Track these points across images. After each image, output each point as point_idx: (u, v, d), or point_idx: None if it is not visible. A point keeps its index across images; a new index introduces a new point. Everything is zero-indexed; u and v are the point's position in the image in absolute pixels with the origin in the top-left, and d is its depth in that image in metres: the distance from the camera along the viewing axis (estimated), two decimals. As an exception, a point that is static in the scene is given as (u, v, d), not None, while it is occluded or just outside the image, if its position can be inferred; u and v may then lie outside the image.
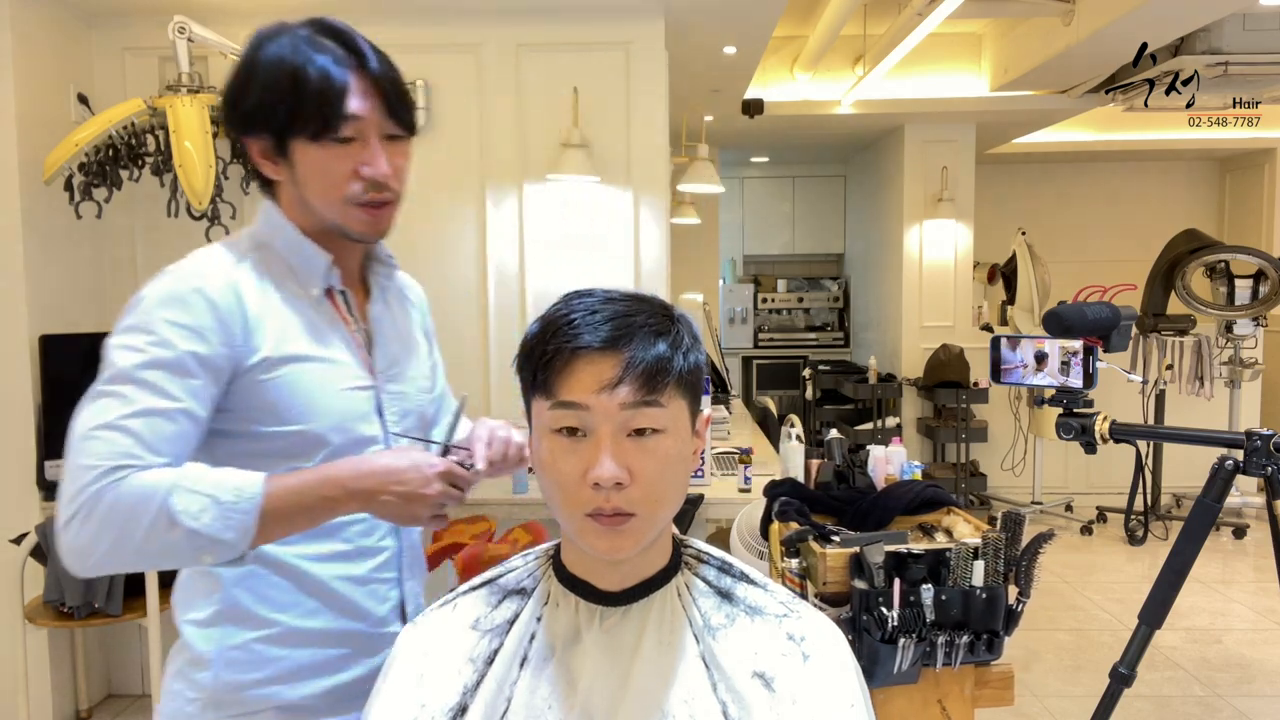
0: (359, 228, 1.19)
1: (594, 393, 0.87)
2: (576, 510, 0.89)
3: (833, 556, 1.72)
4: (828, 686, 0.92)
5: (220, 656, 1.18)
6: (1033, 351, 2.09)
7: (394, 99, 1.16)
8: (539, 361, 0.90)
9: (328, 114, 1.11)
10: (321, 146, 1.13)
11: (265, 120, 1.14)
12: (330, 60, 1.12)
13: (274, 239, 1.20)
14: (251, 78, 1.14)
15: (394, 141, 1.18)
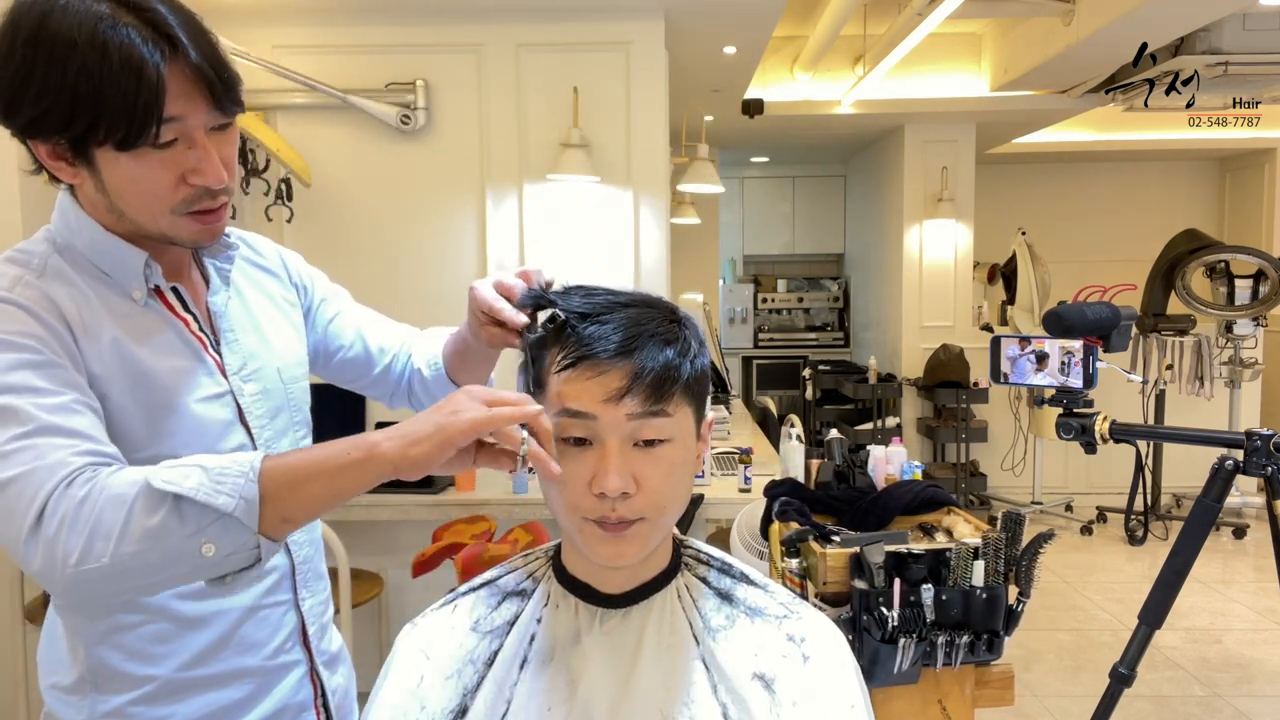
0: (190, 236, 1.00)
1: (601, 402, 0.85)
2: (580, 517, 0.88)
3: (833, 556, 1.72)
4: (828, 687, 0.92)
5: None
6: (1031, 353, 2.09)
7: (219, 86, 0.96)
8: (544, 367, 0.89)
9: (141, 119, 0.90)
10: (135, 156, 0.93)
11: (56, 126, 0.91)
12: (139, 47, 0.89)
13: (75, 240, 1.00)
14: (33, 68, 0.88)
15: (222, 131, 0.99)
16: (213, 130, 0.97)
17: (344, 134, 3.36)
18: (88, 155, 0.93)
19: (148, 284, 1.03)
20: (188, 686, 1.05)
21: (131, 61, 0.89)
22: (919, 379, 5.86)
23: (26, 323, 0.92)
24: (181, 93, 0.92)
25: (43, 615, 2.90)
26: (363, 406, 3.33)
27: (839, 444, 2.25)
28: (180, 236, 1.00)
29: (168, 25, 0.92)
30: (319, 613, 1.20)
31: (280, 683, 1.12)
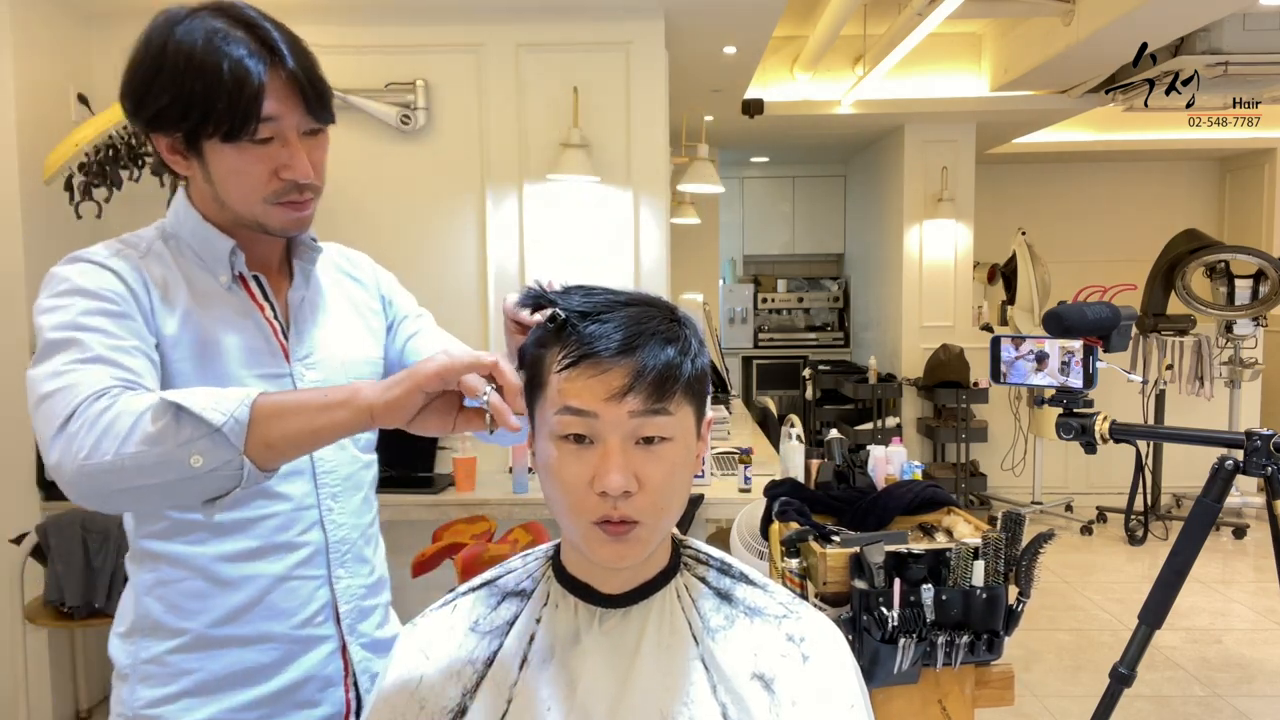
0: (281, 224, 1.14)
1: (603, 400, 0.85)
2: (582, 517, 0.88)
3: (833, 556, 1.72)
4: (827, 687, 0.92)
5: (135, 671, 1.14)
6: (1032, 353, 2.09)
7: (312, 95, 1.12)
8: (545, 366, 0.89)
9: (243, 116, 1.04)
10: (237, 148, 1.07)
11: (175, 120, 1.06)
12: (246, 56, 1.04)
13: (181, 229, 1.17)
14: (156, 71, 1.05)
15: (314, 136, 1.15)
16: (305, 134, 1.13)
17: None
18: (199, 148, 1.08)
19: (233, 270, 1.16)
20: (218, 643, 1.13)
21: (238, 67, 1.04)
22: (919, 379, 5.86)
23: (112, 282, 1.07)
24: (279, 97, 1.07)
25: (42, 615, 2.89)
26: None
27: (839, 444, 2.25)
28: (271, 224, 1.13)
29: (272, 39, 1.07)
30: (357, 595, 1.24)
31: (308, 654, 1.18)
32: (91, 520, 2.73)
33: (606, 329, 0.86)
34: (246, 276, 1.18)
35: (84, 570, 2.70)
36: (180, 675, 1.13)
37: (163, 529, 1.13)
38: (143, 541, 1.15)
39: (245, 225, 1.14)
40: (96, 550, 2.71)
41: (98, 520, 2.73)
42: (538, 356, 0.91)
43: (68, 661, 3.16)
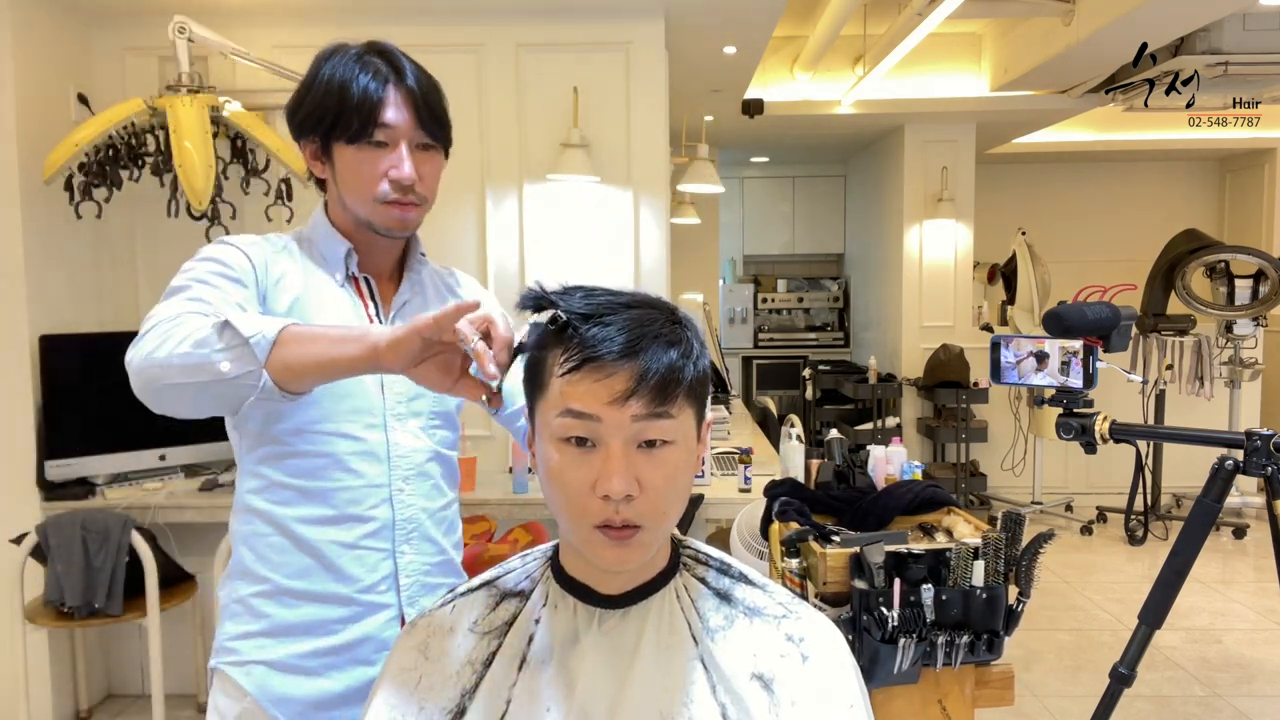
0: (385, 223, 1.30)
1: (606, 404, 0.85)
2: (584, 521, 0.88)
3: (833, 556, 1.73)
4: (827, 687, 0.92)
5: (227, 609, 1.31)
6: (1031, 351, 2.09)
7: (426, 113, 1.30)
8: (546, 368, 0.89)
9: (364, 120, 1.25)
10: (357, 149, 1.26)
11: (314, 126, 1.28)
12: (371, 75, 1.26)
13: (313, 234, 1.36)
14: (309, 90, 1.28)
15: (425, 150, 1.32)
16: (418, 147, 1.31)
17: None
18: (330, 152, 1.29)
19: (346, 269, 1.34)
20: (292, 594, 1.28)
21: (364, 84, 1.25)
22: (919, 379, 5.86)
23: (239, 258, 1.26)
24: (396, 108, 1.27)
25: (42, 615, 2.90)
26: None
27: (839, 444, 2.25)
28: (378, 222, 1.30)
29: (398, 64, 1.29)
30: (420, 570, 1.35)
31: (370, 616, 1.29)
32: (91, 520, 2.73)
33: (609, 331, 0.86)
34: (358, 277, 1.36)
35: (84, 570, 2.70)
36: (259, 617, 1.28)
37: (259, 486, 1.29)
38: (245, 496, 1.31)
39: (361, 224, 1.31)
40: (96, 550, 2.71)
41: (98, 520, 2.73)
42: (538, 358, 0.91)
43: (68, 661, 3.16)
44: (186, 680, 3.33)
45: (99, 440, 3.05)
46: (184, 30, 2.92)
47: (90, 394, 3.06)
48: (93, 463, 3.03)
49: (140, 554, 2.71)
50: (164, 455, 3.16)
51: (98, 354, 3.09)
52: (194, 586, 2.98)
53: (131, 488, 3.05)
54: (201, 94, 2.95)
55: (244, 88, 3.27)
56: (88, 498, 2.98)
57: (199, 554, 3.16)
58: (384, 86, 1.26)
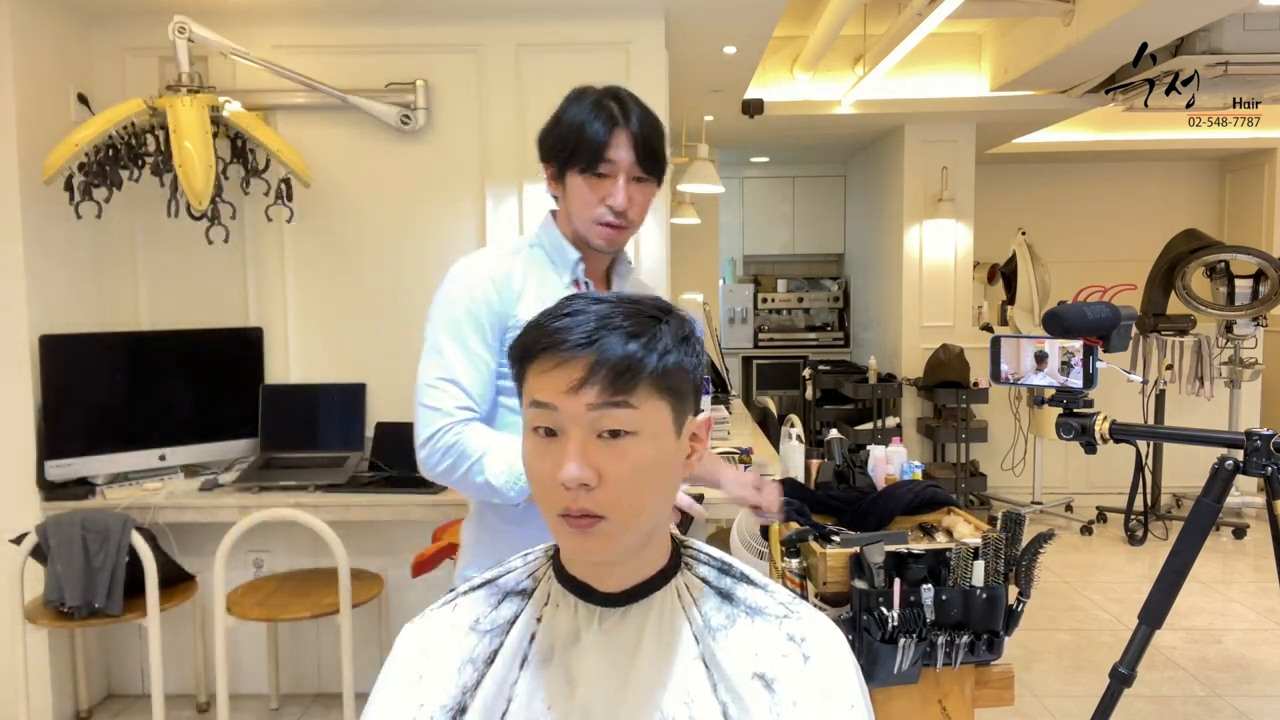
0: (598, 241, 1.60)
1: (562, 392, 0.87)
2: (551, 510, 0.90)
3: (833, 556, 1.73)
4: (828, 688, 0.92)
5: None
6: (1033, 352, 2.09)
7: (644, 152, 1.56)
8: (517, 360, 0.92)
9: (593, 158, 1.54)
10: (585, 178, 1.56)
11: (555, 154, 1.59)
12: (604, 119, 1.54)
13: (544, 239, 1.66)
14: (556, 124, 1.59)
15: (639, 182, 1.58)
16: (633, 180, 1.58)
17: (344, 134, 3.36)
18: (563, 177, 1.59)
19: (574, 273, 1.64)
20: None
21: (595, 127, 1.54)
22: (919, 379, 5.86)
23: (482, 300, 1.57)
24: (619, 147, 1.55)
25: (43, 615, 2.89)
26: (362, 407, 3.33)
27: (839, 444, 2.25)
28: (593, 239, 1.61)
29: (625, 107, 1.58)
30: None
31: None
32: (91, 520, 2.73)
33: (571, 323, 0.89)
34: (581, 281, 1.64)
35: (84, 570, 2.70)
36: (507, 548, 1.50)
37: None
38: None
39: (580, 239, 1.62)
40: (96, 550, 2.71)
41: (98, 520, 2.73)
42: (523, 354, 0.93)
43: (68, 661, 3.16)
44: (186, 680, 3.33)
45: (99, 440, 3.05)
46: (184, 30, 2.92)
47: (90, 394, 3.06)
48: (93, 463, 3.03)
49: (140, 554, 2.71)
50: (164, 455, 3.16)
51: (98, 354, 3.09)
52: (194, 586, 2.98)
53: (131, 488, 3.05)
54: (201, 94, 2.95)
55: (244, 88, 3.27)
56: (88, 498, 2.97)
57: (199, 554, 3.16)
58: (611, 130, 1.54)
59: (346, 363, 3.39)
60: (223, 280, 3.39)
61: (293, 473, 3.11)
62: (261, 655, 3.34)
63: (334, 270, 3.40)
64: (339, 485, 3.02)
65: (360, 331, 3.40)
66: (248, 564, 3.29)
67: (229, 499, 2.96)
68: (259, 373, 3.35)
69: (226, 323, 3.37)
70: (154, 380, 3.19)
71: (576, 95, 1.60)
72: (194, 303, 3.37)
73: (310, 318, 3.41)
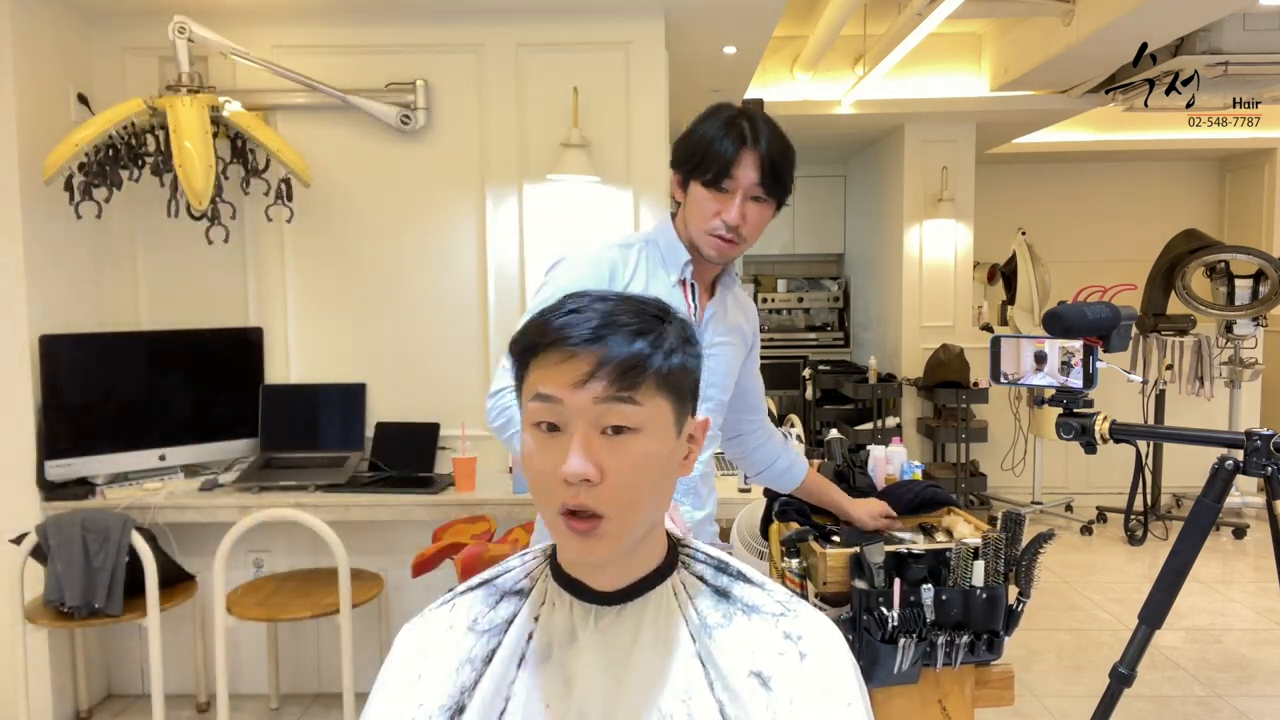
0: (708, 251, 1.67)
1: (568, 387, 0.87)
2: (551, 507, 0.90)
3: (833, 556, 1.73)
4: (825, 686, 0.92)
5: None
6: (1033, 352, 2.09)
7: (768, 174, 1.60)
8: (521, 354, 0.92)
9: (718, 173, 1.60)
10: (707, 189, 1.62)
11: (683, 164, 1.65)
12: (734, 139, 1.59)
13: (660, 238, 1.73)
14: (690, 136, 1.64)
15: (757, 202, 1.63)
16: (752, 199, 1.63)
17: (344, 134, 3.36)
18: (687, 185, 1.67)
19: (681, 273, 1.70)
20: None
21: (725, 144, 1.60)
22: (919, 379, 5.85)
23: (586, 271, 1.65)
24: (744, 165, 1.60)
25: (43, 615, 2.89)
26: (362, 407, 3.33)
27: (839, 444, 2.25)
28: (705, 248, 1.67)
29: (756, 128, 1.61)
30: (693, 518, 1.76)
31: None
32: (91, 520, 2.73)
33: (579, 318, 0.89)
34: (688, 282, 1.72)
35: (84, 570, 2.70)
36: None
37: None
38: None
39: (694, 245, 1.68)
40: (96, 550, 2.71)
41: (98, 520, 2.73)
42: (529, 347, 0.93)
43: (68, 661, 3.16)
44: (186, 680, 3.33)
45: (99, 440, 3.05)
46: (184, 30, 2.92)
47: (90, 394, 3.06)
48: (93, 463, 3.03)
49: (140, 554, 2.71)
50: (164, 455, 3.16)
51: (98, 354, 3.09)
52: (194, 586, 2.98)
53: (131, 488, 3.05)
54: (201, 94, 2.95)
55: (244, 88, 3.27)
56: (88, 498, 2.98)
57: (199, 554, 3.16)
58: (740, 149, 1.59)
59: (346, 363, 3.39)
60: (223, 280, 3.39)
61: (293, 473, 3.11)
62: (261, 655, 3.34)
63: (334, 270, 3.40)
64: (339, 485, 3.02)
65: (360, 331, 3.40)
66: (248, 564, 3.29)
67: (229, 499, 2.96)
68: (259, 373, 3.35)
69: (226, 323, 3.37)
70: (154, 380, 3.19)
71: (713, 111, 1.65)
72: (194, 303, 3.37)
73: (310, 318, 3.41)
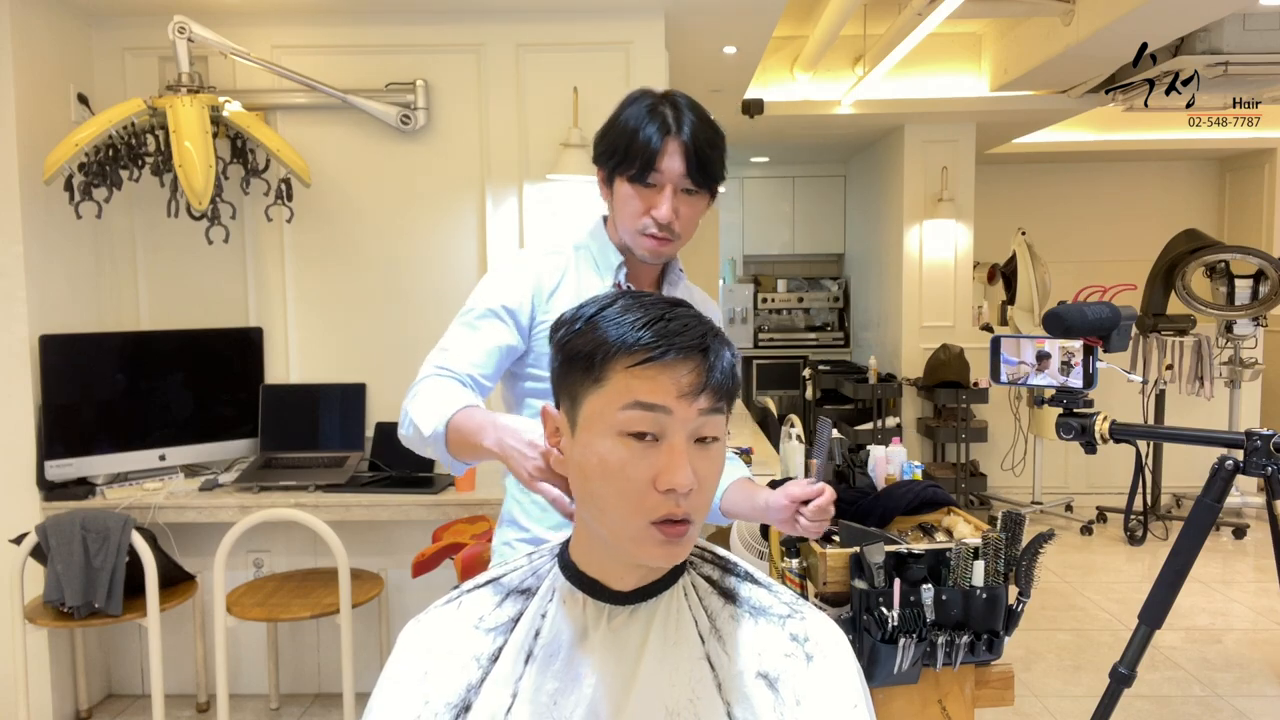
0: (642, 252, 1.54)
1: (677, 397, 0.86)
2: (640, 518, 0.87)
3: (833, 556, 1.73)
4: (831, 687, 0.92)
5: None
6: (1034, 353, 2.09)
7: (695, 163, 1.47)
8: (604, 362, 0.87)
9: (643, 165, 1.47)
10: (632, 185, 1.49)
11: (606, 159, 1.52)
12: (656, 128, 1.46)
13: (591, 242, 1.61)
14: (610, 128, 1.51)
15: (689, 195, 1.50)
16: (683, 191, 1.49)
17: (344, 134, 3.36)
18: (611, 183, 1.53)
19: (615, 276, 1.57)
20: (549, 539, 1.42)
21: (648, 135, 1.46)
22: (919, 379, 5.86)
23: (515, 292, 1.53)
24: (670, 156, 1.46)
25: (42, 615, 2.89)
26: (362, 406, 3.33)
27: (839, 444, 2.25)
28: (637, 249, 1.54)
29: (680, 114, 1.48)
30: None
31: None
32: (91, 520, 2.73)
33: (675, 326, 0.87)
34: (623, 285, 1.58)
35: (84, 570, 2.70)
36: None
37: None
38: None
39: (624, 248, 1.57)
40: (96, 550, 2.71)
41: (98, 520, 2.73)
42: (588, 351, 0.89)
43: (68, 661, 3.16)
44: (186, 680, 3.33)
45: (99, 440, 3.05)
46: (184, 30, 2.92)
47: (90, 394, 3.06)
48: (93, 463, 3.03)
49: (140, 554, 2.71)
50: (164, 455, 3.16)
51: (98, 354, 3.09)
52: (194, 586, 2.98)
53: (131, 488, 3.05)
54: (201, 94, 2.95)
55: (244, 88, 3.27)
56: (88, 498, 2.98)
57: (199, 554, 3.16)
58: (664, 138, 1.45)
59: (346, 363, 3.39)
60: (223, 280, 3.39)
61: (293, 473, 3.11)
62: (261, 655, 3.34)
63: (334, 270, 3.40)
64: (339, 485, 3.02)
65: (360, 331, 3.40)
66: (248, 564, 3.29)
67: (229, 499, 2.96)
68: (259, 373, 3.35)
69: (226, 323, 3.37)
70: (154, 380, 3.19)
71: (634, 98, 1.53)
72: (194, 303, 3.37)
73: (310, 318, 3.41)
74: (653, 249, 1.53)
